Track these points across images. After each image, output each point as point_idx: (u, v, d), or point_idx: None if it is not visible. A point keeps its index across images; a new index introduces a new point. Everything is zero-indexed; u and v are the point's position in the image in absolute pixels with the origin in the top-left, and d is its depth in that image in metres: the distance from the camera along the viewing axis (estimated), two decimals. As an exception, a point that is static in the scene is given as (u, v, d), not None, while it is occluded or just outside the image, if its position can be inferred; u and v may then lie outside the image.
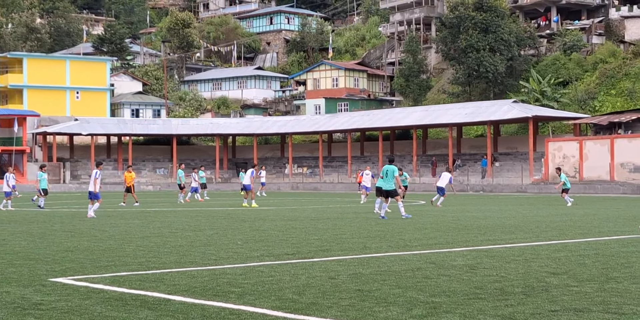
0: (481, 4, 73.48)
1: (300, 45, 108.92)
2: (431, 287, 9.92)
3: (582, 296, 9.15)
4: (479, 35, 72.67)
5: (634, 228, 19.78)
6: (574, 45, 75.00)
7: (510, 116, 62.13)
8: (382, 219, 23.74)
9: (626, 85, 67.37)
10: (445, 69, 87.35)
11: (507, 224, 21.62)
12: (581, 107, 67.93)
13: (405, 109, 75.87)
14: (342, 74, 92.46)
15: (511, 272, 11.27)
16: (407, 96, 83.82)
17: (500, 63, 72.71)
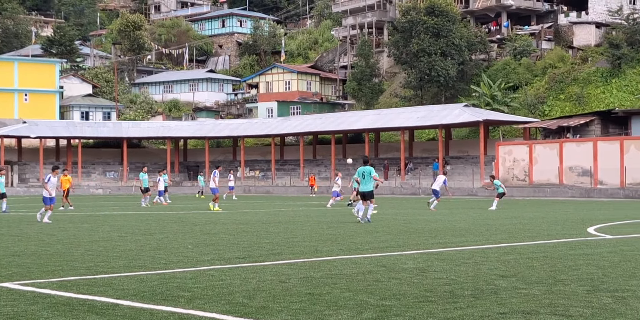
0: (433, 9, 74.02)
1: (252, 48, 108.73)
2: (382, 290, 9.92)
3: (530, 299, 9.23)
4: (430, 39, 73.19)
5: (582, 231, 20.05)
6: (524, 50, 75.91)
7: (461, 120, 62.65)
8: (366, 222, 23.27)
9: (575, 90, 68.34)
10: (397, 72, 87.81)
11: (458, 227, 21.76)
12: (531, 111, 68.75)
13: (358, 113, 76.10)
14: (294, 77, 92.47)
15: (461, 275, 11.33)
16: (359, 100, 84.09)
17: (452, 67, 73.31)
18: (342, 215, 28.53)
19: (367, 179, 23.60)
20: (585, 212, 30.52)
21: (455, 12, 75.81)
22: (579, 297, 9.31)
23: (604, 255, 13.98)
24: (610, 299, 9.16)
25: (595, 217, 26.85)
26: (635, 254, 14.13)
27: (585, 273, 11.46)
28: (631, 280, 10.73)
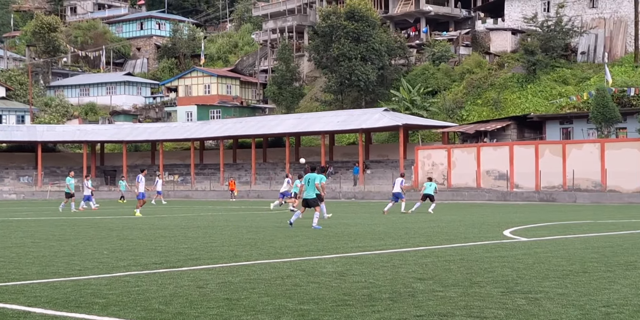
0: (353, 14, 74.49)
1: (171, 51, 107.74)
2: (300, 294, 9.88)
3: (446, 301, 9.31)
4: (350, 44, 73.63)
5: (498, 234, 20.37)
6: (443, 55, 76.97)
7: (381, 124, 63.18)
8: (314, 228, 22.79)
9: (491, 95, 69.56)
10: (317, 77, 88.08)
11: (377, 230, 21.88)
12: (449, 116, 69.73)
13: (278, 117, 76.07)
14: (214, 80, 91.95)
15: (379, 278, 11.37)
16: (280, 104, 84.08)
17: (372, 72, 73.87)
18: (262, 220, 28.42)
19: (311, 186, 23.52)
20: (501, 215, 31.06)
21: (375, 17, 76.44)
22: (494, 299, 9.43)
23: (519, 257, 14.22)
24: (524, 301, 9.30)
25: (511, 220, 27.33)
26: (548, 256, 14.40)
27: (500, 275, 11.62)
28: (544, 281, 10.92)
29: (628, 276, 11.44)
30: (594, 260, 13.51)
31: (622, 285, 10.53)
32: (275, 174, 72.21)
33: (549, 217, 29.55)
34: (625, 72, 65.97)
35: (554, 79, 69.21)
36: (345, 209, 40.87)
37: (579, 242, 17.69)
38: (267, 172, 73.26)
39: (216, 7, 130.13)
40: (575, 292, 9.89)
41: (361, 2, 76.36)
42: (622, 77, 63.59)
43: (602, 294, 9.78)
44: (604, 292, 9.88)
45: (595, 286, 10.42)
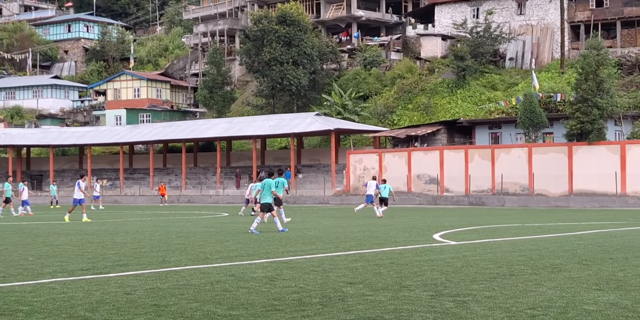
0: (284, 18, 74.47)
1: (100, 54, 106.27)
2: (230, 300, 9.81)
3: (376, 305, 9.33)
4: (282, 48, 73.60)
5: (428, 237, 20.53)
6: (374, 60, 77.44)
7: (313, 129, 63.28)
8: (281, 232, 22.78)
9: (422, 100, 70.22)
10: (249, 81, 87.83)
11: (308, 235, 21.87)
12: (380, 120, 70.18)
13: (209, 121, 75.60)
14: (144, 84, 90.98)
15: (309, 282, 11.34)
16: (211, 108, 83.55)
17: (304, 76, 73.93)
18: (192, 225, 28.18)
19: (267, 191, 23.37)
20: (431, 219, 31.36)
21: (307, 22, 76.54)
22: (423, 302, 9.48)
23: (448, 260, 14.35)
24: (452, 304, 9.37)
25: (441, 224, 27.61)
26: (477, 259, 14.56)
27: (429, 278, 11.70)
28: (472, 284, 11.03)
29: (553, 279, 11.63)
30: (521, 263, 13.71)
31: (547, 287, 10.69)
32: (206, 178, 71.76)
33: (478, 220, 29.94)
34: (551, 78, 67.27)
35: (483, 85, 70.22)
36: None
37: (506, 245, 17.94)
38: (197, 176, 72.75)
39: (146, 10, 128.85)
40: (502, 295, 10.01)
41: (293, 6, 76.41)
42: (548, 83, 64.83)
43: (528, 296, 9.92)
44: (530, 295, 10.02)
45: (522, 289, 10.56)
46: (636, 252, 15.78)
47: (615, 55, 67.52)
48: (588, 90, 49.64)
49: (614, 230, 23.79)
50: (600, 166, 50.01)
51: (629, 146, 49.90)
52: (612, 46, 68.79)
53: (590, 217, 33.31)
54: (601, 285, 10.91)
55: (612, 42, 69.77)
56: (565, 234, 21.83)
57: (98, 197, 52.56)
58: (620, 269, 12.85)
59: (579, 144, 51.06)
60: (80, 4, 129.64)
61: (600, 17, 70.61)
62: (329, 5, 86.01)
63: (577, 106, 50.31)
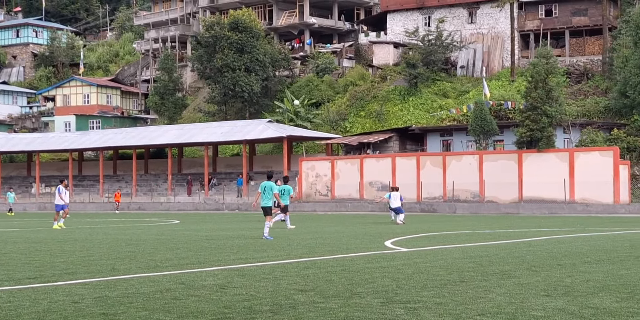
0: (236, 25, 74.30)
1: (49, 59, 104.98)
2: (179, 308, 9.71)
3: (327, 312, 9.30)
4: (234, 55, 73.40)
5: (380, 244, 20.58)
6: (326, 67, 77.61)
7: (265, 136, 63.16)
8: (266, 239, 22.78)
9: (374, 108, 70.51)
10: (201, 87, 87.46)
11: (260, 242, 21.77)
12: (333, 127, 70.31)
13: (161, 127, 75.10)
14: (94, 90, 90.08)
15: (260, 290, 11.28)
16: (162, 114, 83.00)
17: (256, 83, 73.80)
18: (142, 232, 27.91)
19: (268, 194, 23.40)
20: (383, 226, 31.45)
21: (259, 29, 76.47)
22: (374, 309, 9.48)
23: (399, 267, 14.38)
24: (402, 310, 9.38)
25: (393, 230, 27.69)
26: (428, 266, 14.62)
27: (380, 285, 11.71)
28: (423, 291, 11.06)
29: (503, 285, 11.71)
30: (471, 270, 13.79)
31: (496, 293, 10.76)
32: (157, 185, 71.20)
33: (429, 227, 30.10)
34: (502, 86, 68.03)
35: (435, 92, 70.75)
36: (229, 220, 40.61)
37: (457, 252, 18.05)
38: (148, 183, 72.15)
39: (96, 16, 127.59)
40: (452, 301, 10.05)
41: (245, 13, 76.29)
42: (499, 91, 65.55)
43: (477, 302, 9.97)
44: (479, 301, 10.07)
45: (472, 295, 10.61)
46: (584, 258, 15.98)
47: (564, 64, 68.54)
48: (537, 98, 50.29)
49: (563, 236, 24.09)
50: (550, 173, 50.66)
51: (577, 154, 50.62)
52: (561, 55, 69.81)
53: (540, 223, 33.69)
54: (549, 291, 11.01)
55: (561, 51, 70.81)
56: (515, 240, 22.03)
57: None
58: (568, 275, 12.99)
59: (529, 152, 51.68)
60: (29, 9, 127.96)
61: (550, 26, 71.64)
62: (282, 12, 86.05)
63: (527, 114, 50.93)
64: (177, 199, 66.11)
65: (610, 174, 49.22)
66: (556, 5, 71.77)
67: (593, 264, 14.77)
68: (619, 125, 58.75)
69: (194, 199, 65.84)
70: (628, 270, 13.61)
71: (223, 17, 79.76)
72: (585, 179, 49.73)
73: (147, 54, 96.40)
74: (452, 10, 76.48)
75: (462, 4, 75.93)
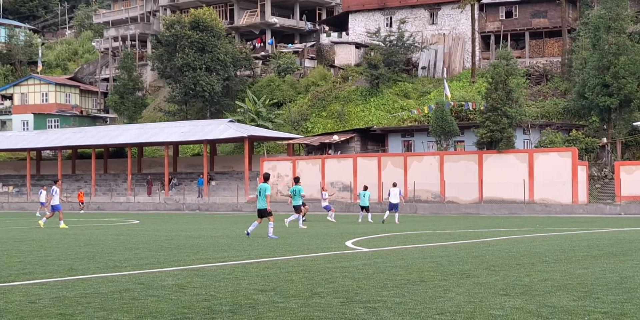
0: (197, 24, 73.97)
1: (6, 57, 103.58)
2: (138, 308, 9.62)
3: (286, 312, 9.28)
4: (195, 54, 73.06)
5: (340, 244, 20.59)
6: (288, 67, 77.54)
7: (226, 135, 62.94)
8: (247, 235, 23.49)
9: (336, 108, 70.61)
10: (161, 86, 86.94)
11: (220, 242, 21.68)
12: (294, 127, 70.28)
13: (120, 127, 74.53)
14: (52, 89, 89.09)
15: (220, 290, 11.23)
16: (121, 113, 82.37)
17: (217, 83, 73.52)
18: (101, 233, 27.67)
19: (262, 196, 23.52)
20: (344, 226, 31.49)
21: (220, 28, 76.19)
22: (334, 309, 9.47)
23: (359, 267, 14.39)
24: (362, 310, 9.39)
25: (354, 231, 27.74)
26: (388, 265, 14.65)
27: (340, 285, 11.71)
28: (383, 291, 11.08)
29: (462, 284, 11.77)
30: (431, 270, 13.85)
31: (456, 293, 10.81)
32: (116, 185, 70.64)
33: (389, 228, 30.18)
34: (463, 87, 68.49)
35: (396, 93, 71.02)
36: (189, 220, 40.42)
37: (417, 252, 18.12)
38: (108, 183, 71.56)
39: (55, 13, 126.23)
40: (412, 301, 10.08)
41: (206, 12, 75.98)
42: (460, 91, 65.97)
43: (437, 302, 10.01)
44: (438, 300, 10.11)
45: (431, 294, 10.65)
46: (542, 258, 16.12)
47: (523, 66, 69.19)
48: (498, 99, 50.71)
49: (522, 236, 24.30)
50: (509, 174, 51.12)
51: (536, 155, 51.13)
52: (521, 56, 70.47)
53: (499, 223, 33.97)
54: (508, 290, 11.09)
55: (521, 52, 71.48)
56: (475, 240, 22.18)
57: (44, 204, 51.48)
58: (526, 274, 13.10)
59: (489, 152, 52.09)
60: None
61: (510, 28, 72.28)
62: (243, 11, 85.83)
63: (487, 115, 51.34)
64: (137, 199, 65.64)
65: (569, 174, 49.78)
66: (516, 7, 72.44)
67: (551, 264, 14.91)
68: (578, 127, 59.43)
69: (154, 199, 65.42)
70: (585, 270, 13.76)
71: (184, 16, 79.32)
72: (544, 180, 50.25)
73: (107, 52, 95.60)
74: (413, 11, 76.83)
75: (424, 5, 76.30)
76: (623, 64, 52.91)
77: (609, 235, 24.26)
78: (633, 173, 49.24)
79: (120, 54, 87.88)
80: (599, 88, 53.92)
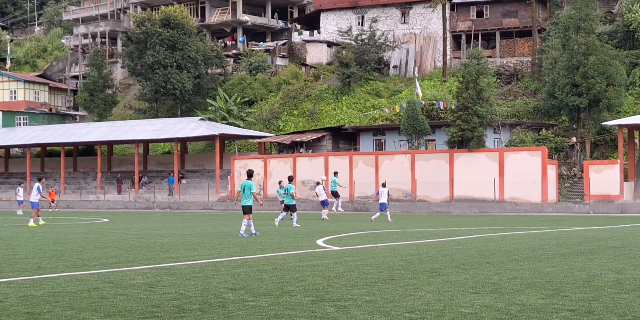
0: (168, 21, 73.60)
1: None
2: (107, 307, 9.56)
3: (256, 311, 9.26)
4: (166, 52, 72.70)
5: (311, 243, 20.58)
6: (259, 66, 77.37)
7: (197, 134, 62.69)
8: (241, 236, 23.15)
9: (307, 106, 70.60)
10: (132, 84, 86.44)
11: (191, 241, 21.61)
12: (266, 126, 70.17)
13: (90, 124, 74.00)
14: (21, 86, 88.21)
15: (190, 289, 11.18)
16: (91, 111, 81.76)
17: (188, 80, 73.22)
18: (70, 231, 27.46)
19: (247, 194, 23.55)
20: (315, 225, 31.50)
21: (191, 26, 75.87)
22: (304, 308, 9.46)
23: (330, 266, 14.40)
24: (332, 308, 9.39)
25: (325, 229, 27.76)
26: (358, 264, 14.67)
27: (311, 284, 11.70)
28: (353, 289, 11.09)
29: (432, 282, 11.81)
30: (401, 268, 13.88)
31: (426, 291, 10.85)
32: (86, 183, 70.13)
33: (361, 226, 30.24)
34: (434, 86, 68.72)
35: (368, 92, 71.13)
36: (160, 219, 40.23)
37: (388, 250, 18.16)
38: (77, 181, 71.02)
39: (24, 10, 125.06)
40: (382, 299, 10.09)
41: (177, 9, 75.60)
42: (431, 91, 66.18)
43: (407, 300, 10.03)
44: (409, 299, 10.14)
45: (401, 293, 10.68)
46: (512, 256, 16.23)
47: (494, 65, 69.58)
48: (468, 98, 50.93)
49: (492, 235, 24.44)
50: (480, 173, 51.37)
51: (507, 153, 51.43)
52: (492, 56, 70.86)
53: (470, 222, 34.14)
54: (477, 288, 11.14)
55: (491, 51, 71.87)
56: (445, 239, 22.28)
57: (21, 202, 51.29)
58: (495, 272, 13.17)
59: (460, 151, 52.32)
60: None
61: (481, 28, 72.64)
62: (214, 9, 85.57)
63: (458, 114, 51.56)
64: (107, 197, 65.23)
65: (539, 173, 50.12)
66: (487, 7, 72.79)
67: (520, 262, 15.01)
68: (547, 126, 59.85)
69: (124, 198, 65.03)
70: (554, 268, 13.86)
71: (154, 13, 78.91)
72: (514, 179, 50.56)
73: (76, 49, 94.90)
74: (385, 10, 76.98)
75: (395, 4, 76.47)
76: (592, 64, 53.35)
77: (577, 234, 24.47)
78: (602, 172, 49.67)
79: (90, 51, 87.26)
80: (569, 88, 54.32)
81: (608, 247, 18.91)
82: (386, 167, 54.31)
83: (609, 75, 53.97)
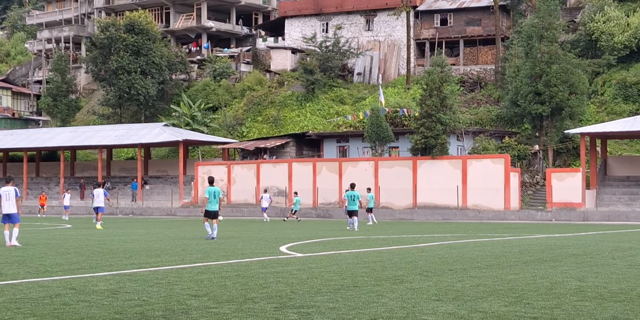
0: (132, 27, 73.25)
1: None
2: (69, 313, 9.50)
3: (220, 317, 9.25)
4: (130, 57, 72.32)
5: (275, 250, 20.58)
6: (224, 72, 77.26)
7: (161, 139, 62.42)
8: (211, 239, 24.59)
9: (271, 113, 70.58)
10: (95, 89, 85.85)
11: (154, 247, 21.50)
12: (230, 132, 70.03)
13: (53, 130, 73.33)
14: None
15: (153, 295, 11.14)
16: (54, 116, 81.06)
17: (152, 86, 72.89)
18: (32, 237, 27.17)
19: (216, 199, 24.69)
20: (279, 232, 31.48)
21: (156, 31, 75.58)
22: (267, 314, 9.47)
23: (294, 272, 14.41)
24: (296, 315, 9.40)
25: (288, 236, 27.75)
26: (322, 271, 14.70)
27: (274, 290, 11.71)
28: (317, 296, 11.12)
29: (395, 290, 11.87)
30: (365, 275, 13.93)
31: (389, 298, 10.90)
32: (49, 189, 69.45)
33: (324, 233, 30.27)
34: (397, 94, 69.02)
35: (332, 98, 71.27)
36: (123, 225, 39.97)
37: (351, 257, 18.21)
38: (40, 187, 70.31)
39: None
40: (345, 306, 10.13)
41: (141, 15, 75.30)
42: (395, 98, 66.47)
43: (370, 307, 10.07)
44: (372, 306, 10.18)
45: (365, 300, 10.72)
46: (474, 263, 16.34)
47: (458, 73, 70.09)
48: (432, 106, 51.25)
49: (455, 242, 24.59)
50: (443, 180, 51.67)
51: (469, 161, 51.79)
52: (455, 64, 71.36)
53: (433, 229, 34.31)
54: (440, 295, 11.22)
55: (455, 59, 72.38)
56: (408, 246, 22.37)
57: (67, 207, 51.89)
58: (458, 279, 13.26)
59: (423, 158, 52.60)
60: None
61: (445, 35, 73.16)
62: (179, 15, 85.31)
63: (422, 121, 51.84)
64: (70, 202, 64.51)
65: (502, 181, 50.52)
66: (451, 15, 73.35)
67: (483, 269, 15.12)
68: (510, 134, 60.37)
69: (87, 203, 64.45)
70: (516, 275, 13.98)
71: (119, 19, 78.48)
72: (477, 186, 50.92)
73: (40, 54, 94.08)
74: (349, 17, 77.25)
75: (360, 11, 76.78)
76: (555, 73, 53.91)
77: (539, 242, 24.70)
78: (564, 180, 50.18)
79: (53, 56, 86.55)
80: (531, 96, 54.84)
81: (570, 254, 19.10)
82: (350, 174, 54.42)
83: (571, 83, 54.56)
